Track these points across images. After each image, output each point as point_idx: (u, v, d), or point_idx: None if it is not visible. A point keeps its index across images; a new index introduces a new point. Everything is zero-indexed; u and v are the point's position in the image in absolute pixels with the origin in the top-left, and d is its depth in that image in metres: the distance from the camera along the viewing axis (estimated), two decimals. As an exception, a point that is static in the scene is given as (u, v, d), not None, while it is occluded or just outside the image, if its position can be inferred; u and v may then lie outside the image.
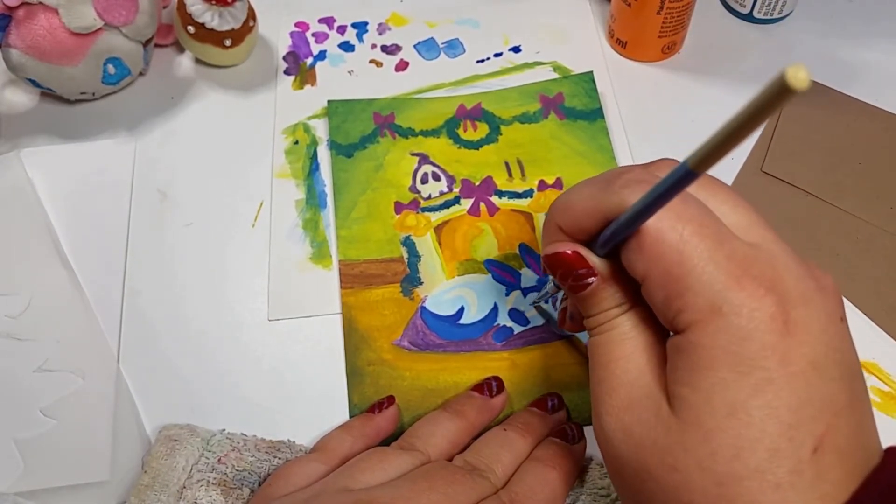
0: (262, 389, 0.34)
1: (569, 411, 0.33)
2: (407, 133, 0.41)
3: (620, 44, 0.44)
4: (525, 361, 0.34)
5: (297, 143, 0.41)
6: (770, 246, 0.23)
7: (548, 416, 0.31)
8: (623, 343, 0.24)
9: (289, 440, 0.32)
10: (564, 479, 0.28)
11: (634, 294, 0.24)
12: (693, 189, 0.22)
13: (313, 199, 0.39)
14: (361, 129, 0.41)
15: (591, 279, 0.24)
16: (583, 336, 0.35)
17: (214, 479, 0.30)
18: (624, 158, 0.40)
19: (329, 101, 0.42)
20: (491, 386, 0.32)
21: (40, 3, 0.37)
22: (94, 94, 0.42)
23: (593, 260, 0.25)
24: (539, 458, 0.29)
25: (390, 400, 0.32)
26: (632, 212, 0.22)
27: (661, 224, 0.22)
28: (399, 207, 0.38)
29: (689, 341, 0.21)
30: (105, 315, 0.36)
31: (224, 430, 0.32)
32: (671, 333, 0.23)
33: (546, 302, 0.36)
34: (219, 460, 0.30)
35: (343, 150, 0.40)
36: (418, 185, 0.39)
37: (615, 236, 0.23)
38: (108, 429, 0.32)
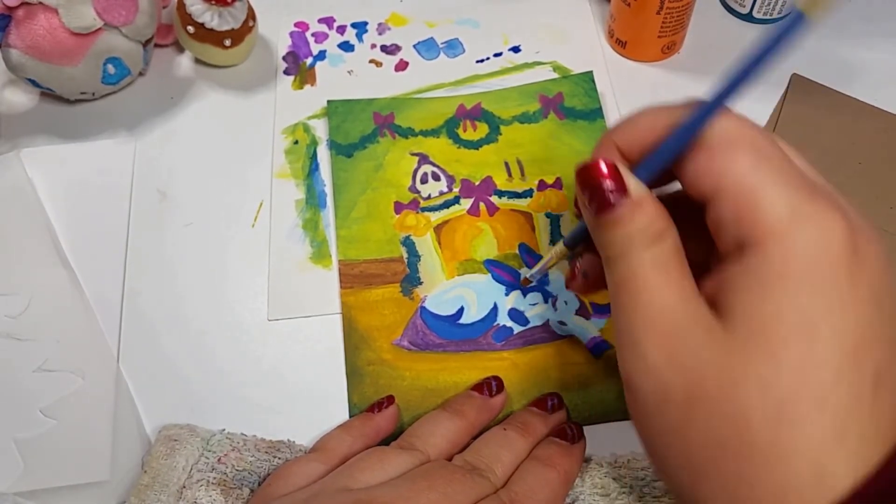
0: (262, 389, 0.34)
1: (568, 411, 0.33)
2: (407, 133, 0.41)
3: (620, 44, 0.44)
4: (525, 361, 0.34)
5: (296, 143, 0.41)
6: (824, 182, 0.23)
7: (547, 415, 0.31)
8: (657, 272, 0.23)
9: (289, 440, 0.32)
10: (564, 479, 0.28)
11: (664, 225, 0.23)
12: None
13: (313, 199, 0.39)
14: (361, 129, 0.41)
15: (622, 198, 0.23)
16: (583, 334, 0.35)
17: (214, 478, 0.30)
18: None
19: (329, 101, 0.42)
20: (490, 386, 0.32)
21: (40, 3, 0.37)
22: (93, 94, 0.42)
23: (630, 179, 0.23)
24: (539, 458, 0.29)
25: (390, 399, 0.32)
26: (713, 98, 0.21)
27: (734, 133, 0.22)
28: (399, 207, 0.38)
29: (762, 254, 0.21)
30: (105, 315, 0.36)
31: (224, 430, 0.32)
32: (722, 261, 0.22)
33: (546, 301, 0.36)
34: (219, 460, 0.30)
35: (343, 149, 0.40)
36: (418, 185, 0.39)
37: (681, 138, 0.22)
38: (108, 429, 0.32)
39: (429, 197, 0.39)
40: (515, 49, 0.45)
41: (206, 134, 0.42)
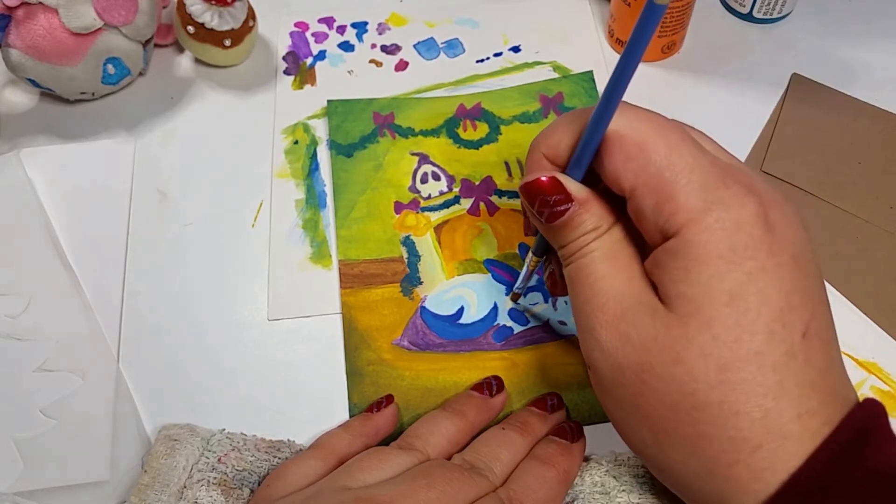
0: (262, 389, 0.34)
1: (568, 410, 0.33)
2: (407, 133, 0.41)
3: (620, 44, 0.44)
4: (525, 361, 0.34)
5: (296, 142, 0.41)
6: (738, 164, 0.25)
7: (547, 415, 0.31)
8: (605, 261, 0.25)
9: (289, 440, 0.32)
10: (563, 478, 0.29)
11: (608, 216, 0.26)
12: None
13: (313, 199, 0.39)
14: (361, 129, 0.41)
15: (568, 205, 0.25)
16: None
17: (215, 478, 0.30)
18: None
19: (329, 101, 0.42)
20: (491, 385, 0.32)
21: (40, 3, 0.37)
22: (93, 94, 0.42)
23: (570, 185, 0.25)
24: (538, 457, 0.29)
25: (389, 399, 0.32)
26: (605, 94, 0.23)
27: (645, 132, 0.23)
28: (399, 207, 0.38)
29: (684, 240, 0.23)
30: (105, 315, 0.36)
31: (224, 429, 0.32)
32: (652, 249, 0.24)
33: (546, 301, 0.36)
34: (219, 460, 0.30)
35: (343, 149, 0.40)
36: (418, 185, 0.39)
37: (592, 135, 0.24)
38: (107, 429, 0.32)
39: (429, 197, 0.39)
40: (515, 49, 0.45)
41: (206, 134, 0.42)
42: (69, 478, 0.31)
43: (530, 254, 0.32)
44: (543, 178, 0.25)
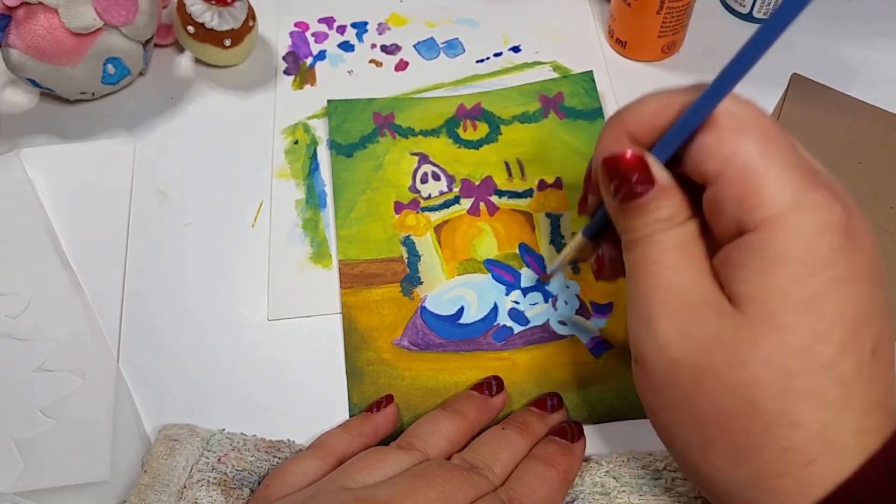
0: (262, 389, 0.34)
1: (568, 411, 0.33)
2: (407, 133, 0.41)
3: (620, 44, 0.44)
4: (525, 361, 0.34)
5: (296, 142, 0.41)
6: (823, 168, 0.24)
7: (547, 415, 0.31)
8: (674, 253, 0.24)
9: (288, 440, 0.32)
10: (563, 478, 0.28)
11: (685, 209, 0.24)
12: None
13: (313, 199, 0.39)
14: (361, 129, 0.41)
15: (648, 187, 0.24)
16: (583, 334, 0.35)
17: (214, 478, 0.30)
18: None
19: (329, 101, 0.42)
20: (490, 385, 0.32)
21: (40, 3, 0.37)
22: (93, 94, 0.42)
23: (656, 168, 0.24)
24: (537, 457, 0.29)
25: (389, 399, 0.32)
26: (723, 76, 0.21)
27: (744, 120, 0.22)
28: (399, 207, 0.38)
29: (763, 238, 0.22)
30: (105, 315, 0.36)
31: (224, 429, 0.32)
32: (723, 244, 0.23)
33: (546, 301, 0.36)
34: (219, 460, 0.30)
35: (343, 149, 0.40)
36: (418, 185, 0.39)
37: (693, 117, 0.22)
38: (107, 429, 0.32)
39: (429, 197, 0.39)
40: (515, 49, 0.45)
41: (206, 134, 0.42)
42: (69, 478, 0.31)
43: (579, 234, 0.30)
44: (629, 154, 0.24)
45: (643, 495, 0.29)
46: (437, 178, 0.39)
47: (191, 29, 0.41)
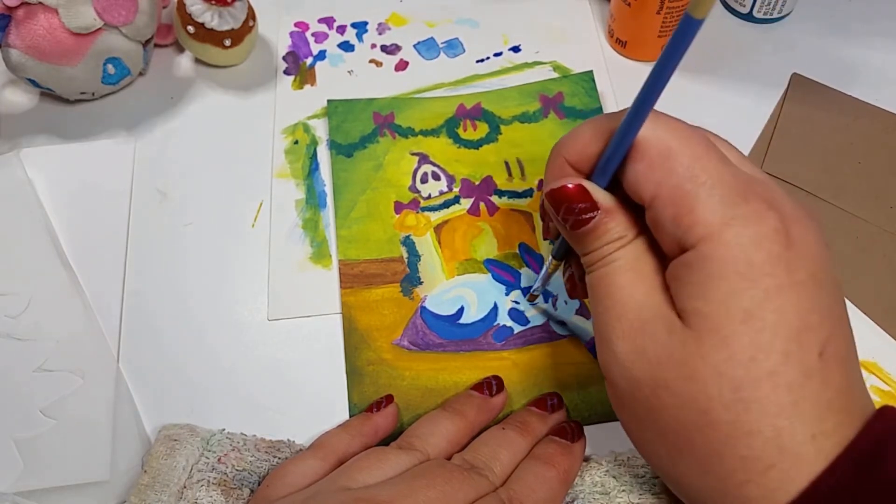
0: (262, 389, 0.34)
1: (568, 411, 0.33)
2: (407, 133, 0.41)
3: (620, 43, 0.44)
4: (525, 361, 0.34)
5: (296, 142, 0.41)
6: (761, 176, 0.24)
7: (547, 415, 0.31)
8: (626, 272, 0.25)
9: (288, 440, 0.32)
10: (563, 478, 0.29)
11: (633, 226, 0.25)
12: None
13: (313, 199, 0.39)
14: (361, 129, 0.41)
15: (593, 213, 0.25)
16: (582, 334, 0.35)
17: (214, 478, 0.30)
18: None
19: (329, 101, 0.42)
20: (491, 385, 0.32)
21: (40, 2, 0.37)
22: (93, 94, 0.42)
23: (597, 194, 0.25)
24: (538, 457, 0.29)
25: (389, 399, 0.32)
26: (636, 103, 0.23)
27: (670, 142, 0.23)
28: (399, 207, 0.38)
29: (701, 255, 0.22)
30: (105, 315, 0.36)
31: (224, 429, 0.32)
32: (670, 259, 0.24)
33: (546, 301, 0.36)
34: (219, 460, 0.30)
35: (343, 149, 0.40)
36: (418, 185, 0.39)
37: (620, 143, 0.24)
38: (108, 429, 0.32)
39: (429, 196, 0.39)
40: (515, 49, 0.45)
41: (206, 134, 0.42)
42: (69, 478, 0.31)
43: (550, 257, 0.31)
44: (570, 186, 0.25)
45: (643, 494, 0.29)
46: (437, 178, 0.39)
47: (191, 29, 0.41)
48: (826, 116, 0.41)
